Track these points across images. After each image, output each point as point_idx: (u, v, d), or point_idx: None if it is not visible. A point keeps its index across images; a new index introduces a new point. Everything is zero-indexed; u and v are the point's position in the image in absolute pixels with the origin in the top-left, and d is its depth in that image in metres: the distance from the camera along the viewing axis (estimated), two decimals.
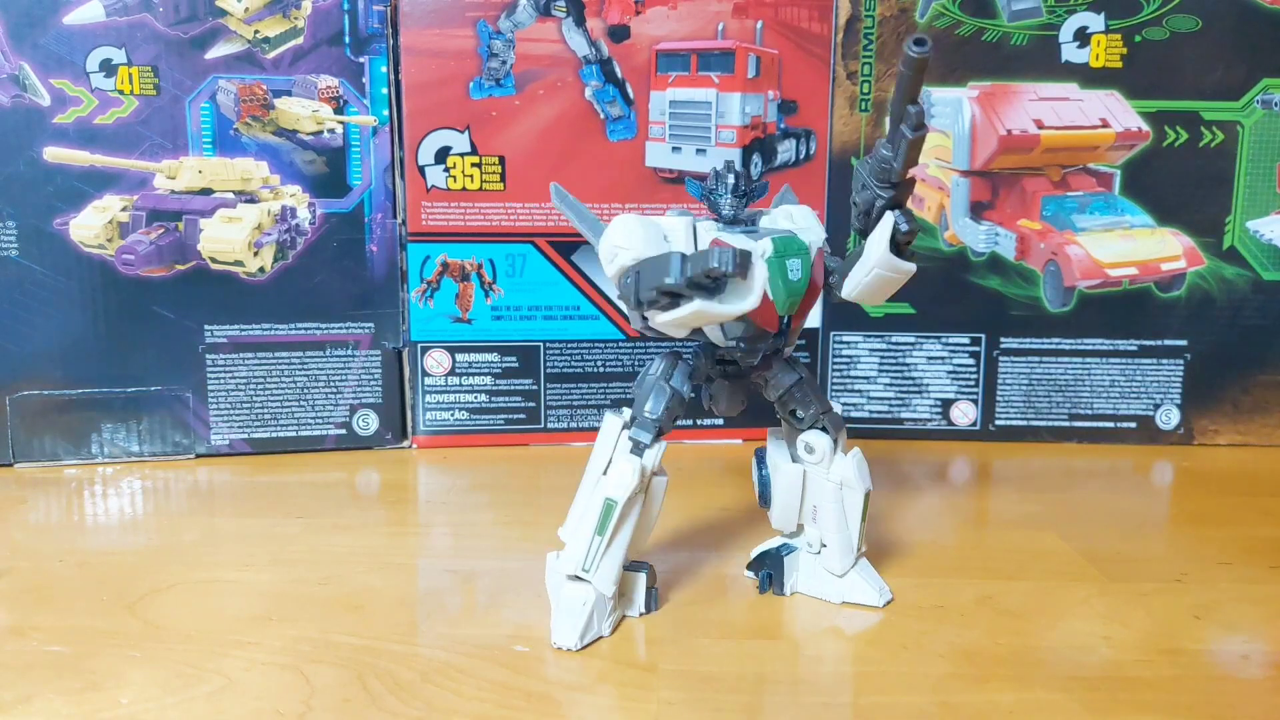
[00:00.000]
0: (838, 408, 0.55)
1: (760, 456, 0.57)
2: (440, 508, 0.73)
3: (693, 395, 0.54)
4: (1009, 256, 0.84)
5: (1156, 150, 0.83)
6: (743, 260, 0.44)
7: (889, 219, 0.48)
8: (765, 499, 0.57)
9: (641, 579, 0.54)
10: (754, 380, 0.54)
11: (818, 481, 0.55)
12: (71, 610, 0.54)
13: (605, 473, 0.52)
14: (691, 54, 0.81)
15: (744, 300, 0.47)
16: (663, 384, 0.53)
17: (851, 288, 0.51)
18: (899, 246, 0.49)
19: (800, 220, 0.53)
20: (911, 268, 0.49)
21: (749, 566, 0.58)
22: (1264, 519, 0.69)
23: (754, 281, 0.47)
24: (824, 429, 0.54)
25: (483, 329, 0.83)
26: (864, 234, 0.50)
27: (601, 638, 0.51)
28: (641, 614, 0.54)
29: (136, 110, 0.75)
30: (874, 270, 0.49)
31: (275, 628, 0.52)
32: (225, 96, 0.77)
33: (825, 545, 0.55)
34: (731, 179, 0.51)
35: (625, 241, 0.48)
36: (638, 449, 0.51)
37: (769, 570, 0.56)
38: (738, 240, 0.50)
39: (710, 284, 0.45)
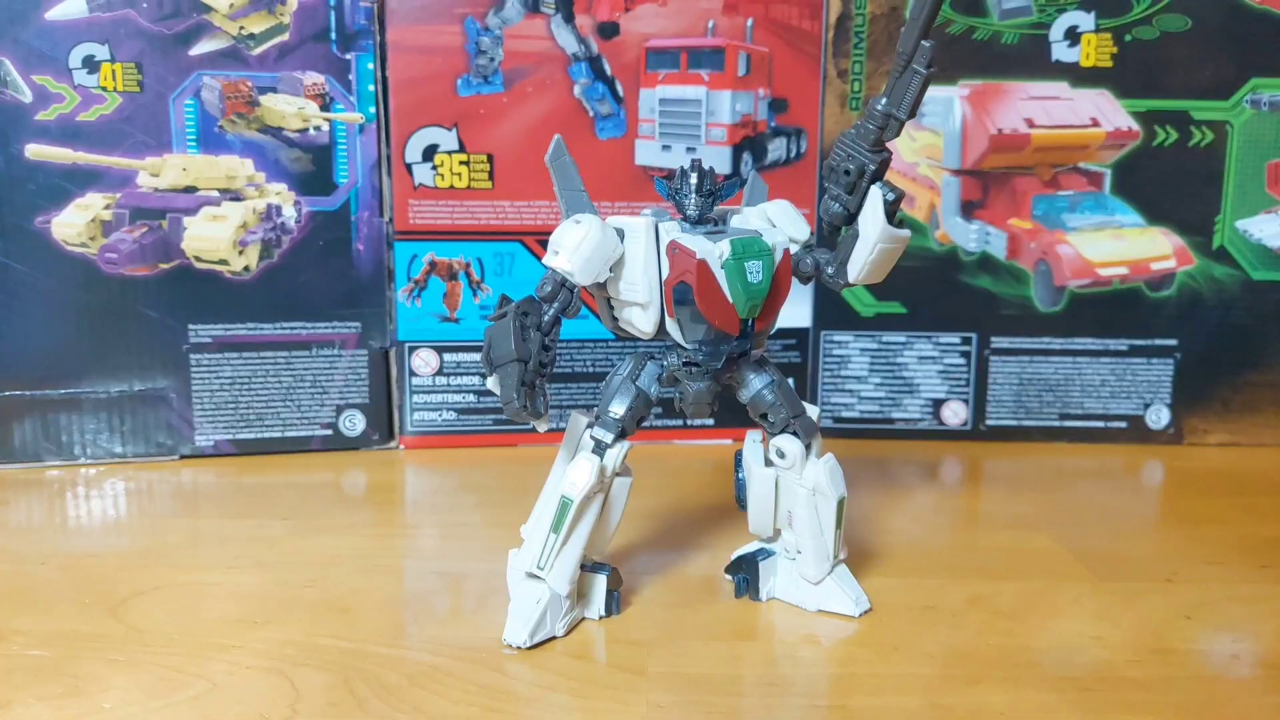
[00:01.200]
0: (814, 412, 0.55)
1: (740, 459, 0.56)
2: (428, 509, 0.72)
3: (661, 396, 0.53)
4: (1000, 256, 0.84)
5: (1146, 150, 0.83)
6: (524, 415, 0.48)
7: (875, 193, 0.49)
8: (743, 502, 0.56)
9: (601, 581, 0.53)
10: (725, 383, 0.53)
11: (790, 487, 0.54)
12: (53, 614, 0.54)
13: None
14: (681, 51, 0.81)
15: (536, 423, 0.50)
16: (629, 384, 0.52)
17: (858, 270, 0.50)
18: (889, 216, 0.49)
19: (779, 218, 0.52)
20: (908, 234, 0.50)
21: (727, 570, 0.57)
22: (1254, 518, 0.69)
23: (540, 425, 0.51)
24: (795, 434, 0.53)
25: (471, 328, 0.83)
26: (838, 221, 0.50)
27: (554, 638, 0.51)
28: (601, 617, 0.53)
29: (120, 107, 0.75)
30: (877, 246, 0.49)
31: (260, 631, 0.52)
32: (210, 93, 0.76)
33: (800, 551, 0.54)
34: (695, 178, 0.50)
35: (568, 249, 0.49)
36: (599, 448, 0.51)
37: (745, 575, 0.56)
38: (697, 242, 0.49)
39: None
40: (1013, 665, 0.49)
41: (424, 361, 0.83)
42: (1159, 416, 0.86)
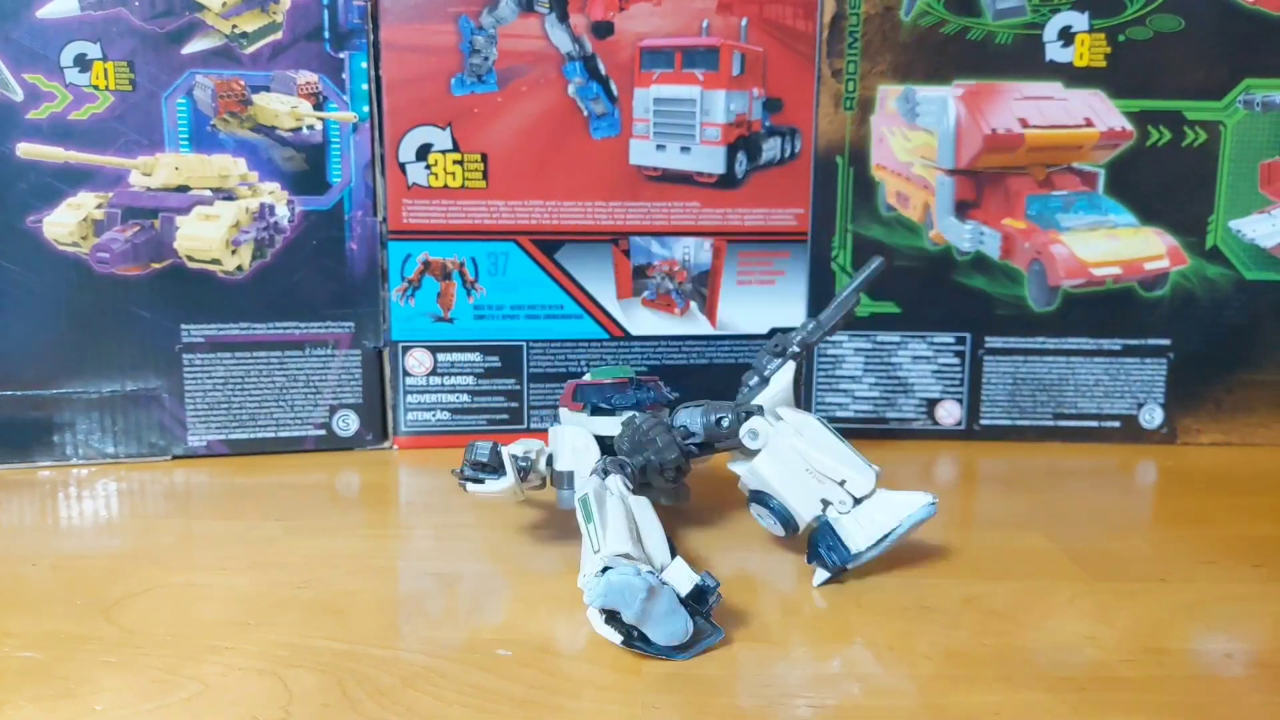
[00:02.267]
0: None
1: (756, 498, 0.60)
2: (422, 510, 0.72)
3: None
4: (994, 256, 0.84)
5: (1140, 150, 0.83)
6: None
7: (790, 366, 0.64)
8: (792, 526, 0.59)
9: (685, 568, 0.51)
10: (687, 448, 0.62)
11: (787, 449, 0.59)
12: (45, 615, 0.53)
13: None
14: (676, 51, 0.81)
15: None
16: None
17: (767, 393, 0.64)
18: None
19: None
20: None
21: (808, 560, 0.58)
22: (1246, 518, 0.70)
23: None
24: (748, 414, 0.60)
25: (465, 328, 0.82)
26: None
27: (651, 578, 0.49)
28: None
29: (112, 106, 0.74)
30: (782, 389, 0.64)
31: (253, 632, 0.51)
32: (202, 92, 0.76)
33: (844, 481, 0.57)
34: None
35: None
36: (598, 471, 0.59)
37: (826, 542, 0.57)
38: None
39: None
40: (1007, 665, 0.49)
41: (418, 361, 0.82)
42: (1152, 416, 0.86)
